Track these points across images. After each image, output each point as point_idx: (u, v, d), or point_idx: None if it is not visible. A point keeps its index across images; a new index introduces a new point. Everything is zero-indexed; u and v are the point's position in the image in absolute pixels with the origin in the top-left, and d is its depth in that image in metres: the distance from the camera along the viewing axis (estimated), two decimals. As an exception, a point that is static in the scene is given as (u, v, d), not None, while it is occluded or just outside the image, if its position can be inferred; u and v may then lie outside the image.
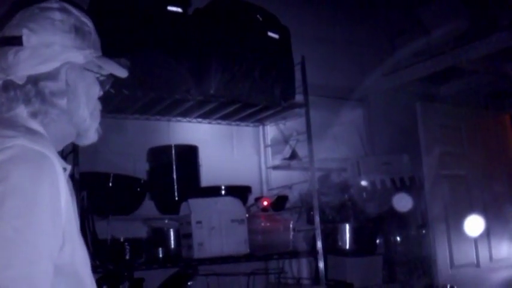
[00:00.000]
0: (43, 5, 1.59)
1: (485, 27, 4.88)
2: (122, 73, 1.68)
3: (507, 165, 5.35)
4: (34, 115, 1.51)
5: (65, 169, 1.43)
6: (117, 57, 1.70)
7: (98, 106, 1.68)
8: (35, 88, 1.51)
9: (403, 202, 4.41)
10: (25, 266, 1.25)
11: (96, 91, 1.66)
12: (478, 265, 4.81)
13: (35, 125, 1.50)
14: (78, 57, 1.57)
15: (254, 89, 3.73)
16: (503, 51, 4.82)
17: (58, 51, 1.53)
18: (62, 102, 1.55)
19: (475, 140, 5.06)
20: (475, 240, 4.82)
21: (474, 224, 4.78)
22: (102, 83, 1.68)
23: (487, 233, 4.91)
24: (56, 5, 1.59)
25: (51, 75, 1.53)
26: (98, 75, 1.65)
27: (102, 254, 3.31)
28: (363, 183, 4.57)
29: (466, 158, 4.96)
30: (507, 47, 4.72)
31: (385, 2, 5.46)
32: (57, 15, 1.56)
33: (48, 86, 1.52)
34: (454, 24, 4.96)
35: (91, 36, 1.63)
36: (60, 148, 1.64)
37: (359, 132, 5.18)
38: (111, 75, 1.70)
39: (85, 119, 1.62)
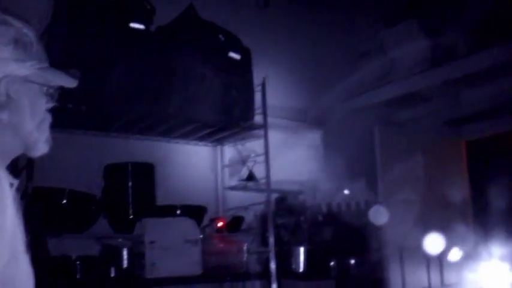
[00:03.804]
0: None
1: (444, 54, 4.97)
2: (70, 83, 1.64)
3: (462, 190, 5.44)
4: None
5: (12, 184, 1.41)
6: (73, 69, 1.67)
7: (47, 118, 1.64)
8: None
9: (358, 226, 4.44)
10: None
11: (43, 103, 1.61)
12: (429, 289, 4.87)
13: None
14: (20, 69, 1.53)
15: (213, 108, 3.73)
16: (461, 79, 4.91)
17: None
18: (2, 115, 1.51)
19: (431, 165, 5.13)
20: (428, 265, 4.87)
21: (428, 248, 4.83)
22: (51, 95, 1.64)
23: (440, 258, 4.97)
24: None
25: None
26: (45, 87, 1.61)
27: (52, 272, 3.26)
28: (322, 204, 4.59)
29: (422, 183, 5.02)
30: (465, 74, 4.81)
31: (348, 25, 5.52)
32: None
33: None
34: (414, 49, 5.04)
35: (33, 47, 1.58)
36: (8, 162, 1.61)
37: (317, 155, 5.20)
38: (61, 87, 1.65)
39: (31, 132, 1.58)
